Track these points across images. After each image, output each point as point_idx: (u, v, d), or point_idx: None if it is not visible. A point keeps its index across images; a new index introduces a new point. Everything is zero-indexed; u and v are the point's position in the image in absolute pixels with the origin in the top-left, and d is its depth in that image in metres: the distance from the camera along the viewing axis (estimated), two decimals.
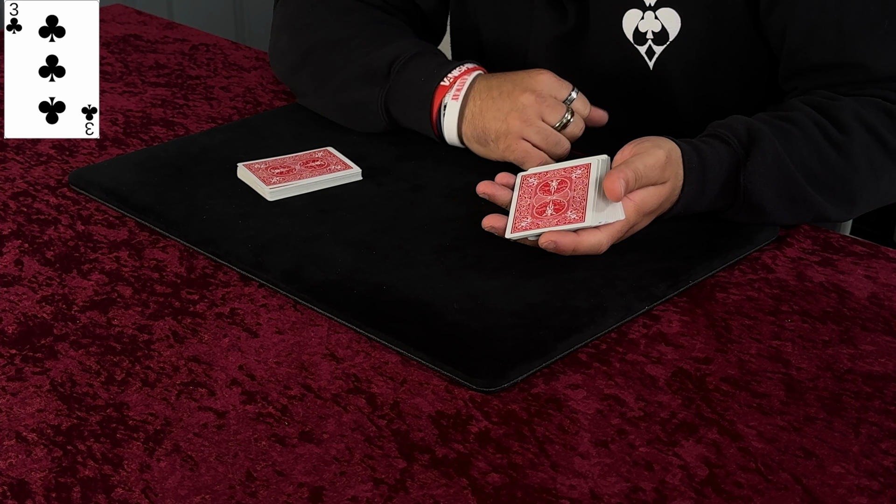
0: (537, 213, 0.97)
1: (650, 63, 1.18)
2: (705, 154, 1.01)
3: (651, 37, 1.17)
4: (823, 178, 1.04)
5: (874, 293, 0.96)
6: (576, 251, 0.96)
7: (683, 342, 0.90)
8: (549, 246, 0.95)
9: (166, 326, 0.92)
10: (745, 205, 1.02)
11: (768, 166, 1.01)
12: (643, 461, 0.77)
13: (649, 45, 1.18)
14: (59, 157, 1.23)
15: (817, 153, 1.04)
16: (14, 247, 1.05)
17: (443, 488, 0.74)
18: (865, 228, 2.14)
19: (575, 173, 1.00)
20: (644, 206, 0.98)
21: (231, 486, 0.75)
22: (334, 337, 0.90)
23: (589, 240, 0.96)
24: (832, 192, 1.05)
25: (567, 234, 0.95)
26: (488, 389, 0.83)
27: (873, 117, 1.07)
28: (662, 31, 1.17)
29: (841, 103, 1.07)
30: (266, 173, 1.12)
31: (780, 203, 1.03)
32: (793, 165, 1.02)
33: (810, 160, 1.03)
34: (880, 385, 0.85)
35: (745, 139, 1.02)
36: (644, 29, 1.17)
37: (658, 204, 0.99)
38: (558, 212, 0.96)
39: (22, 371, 0.87)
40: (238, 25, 3.05)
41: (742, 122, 1.04)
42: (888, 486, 0.75)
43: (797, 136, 1.04)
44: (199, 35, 1.63)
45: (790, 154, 1.02)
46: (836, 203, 1.06)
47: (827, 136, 1.05)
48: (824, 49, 1.11)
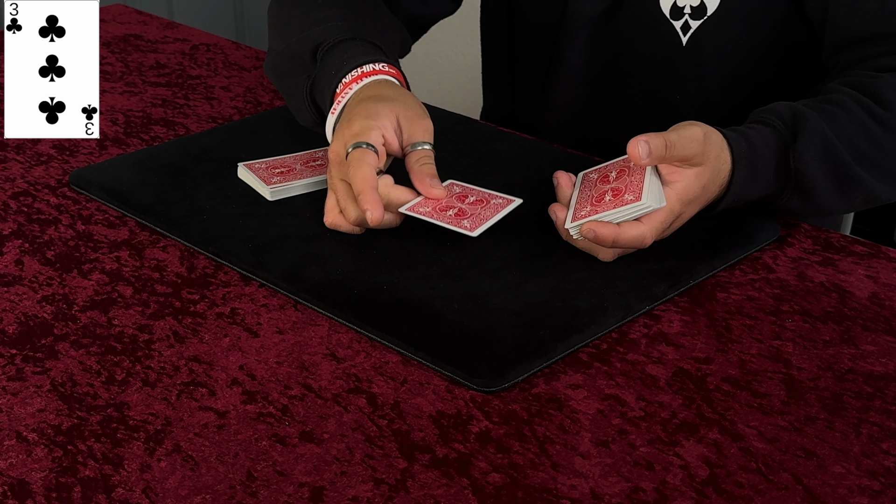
0: (595, 202, 0.95)
1: (683, 39, 1.18)
2: (752, 139, 0.99)
3: (689, 11, 1.16)
4: (871, 156, 1.04)
5: (875, 293, 0.96)
6: (616, 243, 0.93)
7: (684, 342, 0.90)
8: (589, 235, 0.93)
9: (167, 326, 0.92)
10: (797, 188, 1.01)
11: (815, 147, 1.00)
12: (644, 461, 0.77)
13: (685, 20, 1.17)
14: (59, 157, 1.23)
15: (864, 131, 1.03)
16: (14, 247, 1.05)
17: (443, 488, 0.74)
18: (866, 228, 2.14)
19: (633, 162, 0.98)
20: (686, 193, 0.95)
21: (231, 486, 0.75)
22: (335, 337, 0.90)
23: (631, 231, 0.93)
24: (881, 168, 1.04)
25: (608, 225, 0.93)
26: (489, 389, 0.83)
27: None
28: (701, 6, 1.16)
29: (881, 80, 1.07)
30: (266, 173, 1.12)
31: (830, 184, 1.01)
32: (840, 145, 1.01)
33: (857, 138, 1.03)
34: (881, 385, 0.85)
35: (790, 122, 1.01)
36: (682, 3, 1.17)
37: (701, 189, 0.96)
38: (616, 196, 0.94)
39: (22, 371, 0.87)
40: (238, 25, 3.05)
41: (785, 106, 1.03)
42: (889, 486, 0.75)
43: (841, 115, 1.03)
44: (200, 35, 1.63)
45: (837, 134, 1.01)
46: (886, 181, 1.05)
47: (871, 114, 1.04)
48: (866, 20, 1.10)
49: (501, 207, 0.97)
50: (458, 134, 1.25)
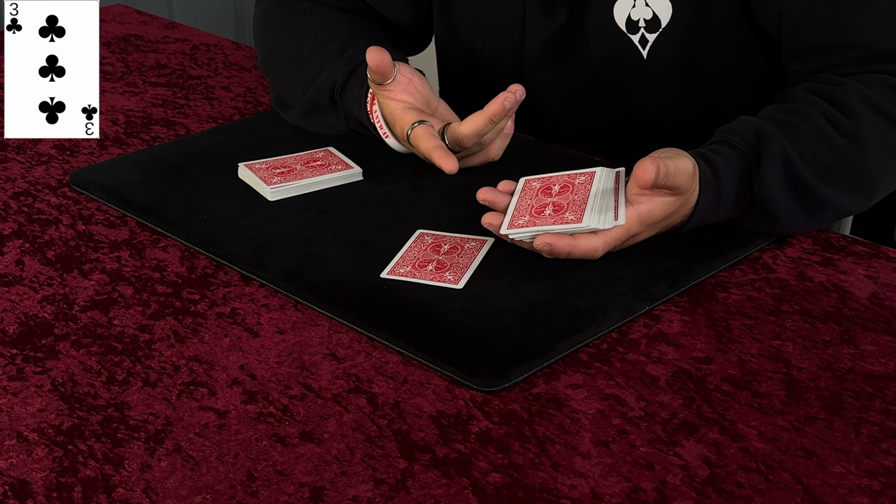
0: (535, 213, 0.97)
1: (644, 52, 1.18)
2: (717, 165, 0.99)
3: (643, 24, 1.17)
4: (837, 170, 1.02)
5: (875, 293, 0.96)
6: (570, 255, 0.95)
7: (684, 342, 0.90)
8: (545, 248, 0.94)
9: (167, 326, 0.92)
10: (762, 212, 1.00)
11: (778, 171, 0.99)
12: (644, 461, 0.77)
13: (642, 34, 1.17)
14: (59, 157, 1.23)
15: (829, 146, 1.02)
16: (15, 247, 1.05)
17: (443, 488, 0.74)
18: (866, 228, 2.14)
19: (578, 179, 0.99)
20: (649, 216, 0.96)
21: (232, 486, 0.75)
22: (335, 337, 0.90)
23: (586, 244, 0.95)
24: (849, 181, 1.03)
25: (563, 237, 0.94)
26: (489, 389, 0.84)
27: (880, 96, 1.05)
28: (654, 19, 1.16)
29: (846, 88, 1.05)
30: (267, 173, 1.12)
31: (794, 207, 1.00)
32: (804, 165, 1.00)
33: (822, 153, 1.02)
34: (881, 385, 0.85)
35: (754, 142, 1.00)
36: (636, 17, 1.17)
37: (665, 215, 0.98)
38: (556, 212, 0.96)
39: (23, 371, 0.87)
40: (238, 25, 3.05)
41: (749, 124, 1.02)
42: (889, 486, 0.75)
43: (805, 130, 1.02)
44: (200, 35, 1.63)
45: (801, 152, 1.00)
46: (855, 193, 1.04)
47: (836, 125, 1.03)
48: (821, 30, 1.09)
49: (477, 251, 0.99)
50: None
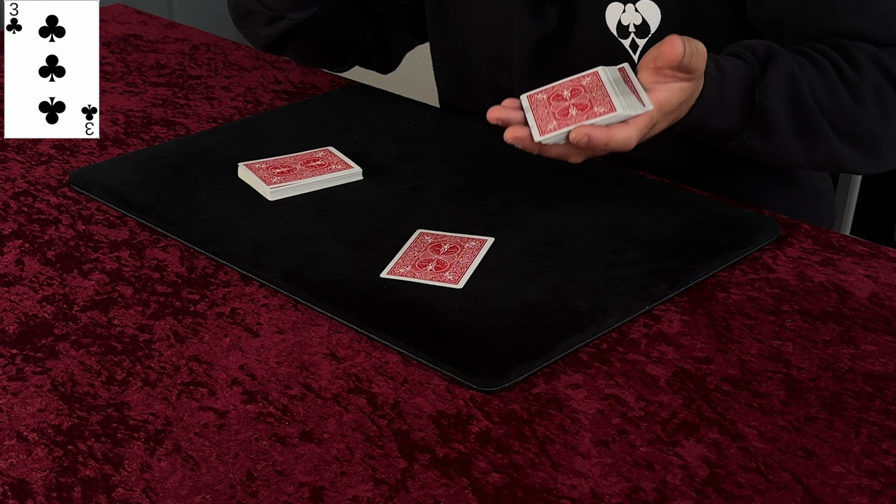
0: (560, 116, 0.94)
1: (635, 57, 1.18)
2: (724, 66, 1.00)
3: (633, 30, 1.17)
4: (831, 113, 1.03)
5: (875, 293, 0.96)
6: (608, 146, 0.93)
7: (684, 342, 0.90)
8: (583, 140, 0.92)
9: (167, 326, 0.92)
10: (759, 124, 1.01)
11: (782, 84, 1.00)
12: (644, 461, 0.77)
13: (632, 39, 1.17)
14: (59, 157, 1.23)
15: (829, 88, 1.03)
16: (15, 246, 1.05)
17: (443, 488, 0.74)
18: (866, 228, 2.14)
19: (584, 80, 0.97)
20: (667, 103, 0.95)
21: (232, 486, 0.75)
22: (335, 337, 0.90)
23: (620, 134, 0.93)
24: (837, 129, 1.04)
25: (599, 128, 0.92)
26: (489, 389, 0.84)
27: (890, 61, 1.06)
28: (644, 24, 1.16)
29: (858, 45, 1.07)
30: (267, 173, 1.12)
31: (791, 126, 1.02)
32: (806, 90, 1.01)
33: (821, 93, 1.03)
34: (881, 385, 0.85)
35: (762, 57, 1.02)
36: (626, 22, 1.17)
37: (678, 104, 0.97)
38: (583, 111, 0.93)
39: (23, 371, 0.87)
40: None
41: (761, 42, 1.04)
42: (889, 486, 0.75)
43: (811, 69, 1.04)
44: (200, 35, 1.63)
45: (806, 82, 1.02)
46: (844, 141, 1.04)
47: (840, 74, 1.04)
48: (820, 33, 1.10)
49: (477, 251, 0.99)
50: (458, 134, 1.25)
